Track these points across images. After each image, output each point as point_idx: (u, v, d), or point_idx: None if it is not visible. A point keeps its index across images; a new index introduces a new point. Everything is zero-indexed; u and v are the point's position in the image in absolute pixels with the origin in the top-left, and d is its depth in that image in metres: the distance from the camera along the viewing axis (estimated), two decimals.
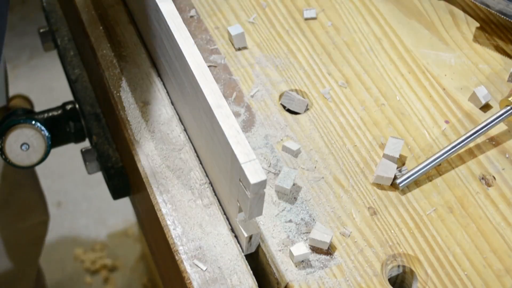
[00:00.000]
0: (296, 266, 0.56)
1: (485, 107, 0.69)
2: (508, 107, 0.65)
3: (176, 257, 0.56)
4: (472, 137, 0.64)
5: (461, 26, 0.76)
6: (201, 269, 0.55)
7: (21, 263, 1.10)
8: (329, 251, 0.57)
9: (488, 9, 0.74)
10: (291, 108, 0.68)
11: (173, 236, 0.57)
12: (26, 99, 0.95)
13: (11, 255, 1.06)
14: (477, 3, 0.75)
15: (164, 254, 0.64)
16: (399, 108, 0.68)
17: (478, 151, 0.65)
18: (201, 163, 0.62)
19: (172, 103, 0.66)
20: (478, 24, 0.76)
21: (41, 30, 0.96)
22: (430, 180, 0.63)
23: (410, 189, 0.62)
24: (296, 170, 0.62)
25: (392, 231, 0.59)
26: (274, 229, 0.58)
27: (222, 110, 0.52)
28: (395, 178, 0.62)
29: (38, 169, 1.05)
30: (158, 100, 0.67)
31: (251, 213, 0.51)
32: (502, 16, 0.74)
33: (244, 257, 0.56)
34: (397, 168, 0.63)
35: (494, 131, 0.67)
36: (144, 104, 0.66)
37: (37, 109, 0.90)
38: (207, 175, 0.61)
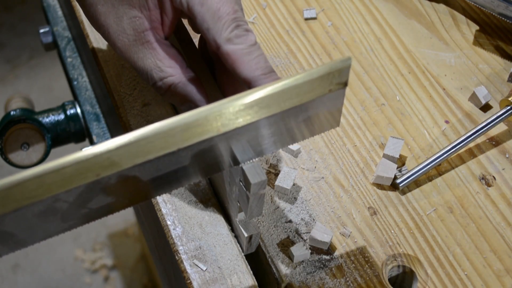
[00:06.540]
0: (296, 266, 0.56)
1: (485, 107, 0.69)
2: (508, 107, 0.65)
3: (176, 257, 0.56)
4: (472, 137, 0.64)
5: (461, 26, 0.76)
6: (201, 269, 0.55)
7: None
8: (329, 251, 0.57)
9: (488, 11, 0.74)
10: None
11: (173, 236, 0.57)
12: (26, 99, 0.95)
13: None
14: (477, 5, 0.75)
15: (164, 254, 0.64)
16: (399, 108, 0.68)
17: (478, 151, 0.65)
18: None
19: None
20: (478, 25, 0.76)
21: (41, 30, 0.96)
22: (430, 180, 0.63)
23: (410, 189, 0.62)
24: (296, 170, 0.62)
25: (392, 231, 0.59)
26: (274, 229, 0.58)
27: None
28: (395, 178, 0.62)
29: None
30: (159, 101, 0.67)
31: (251, 213, 0.51)
32: (502, 18, 0.74)
33: (244, 257, 0.56)
34: (397, 168, 0.63)
35: (494, 131, 0.67)
36: (145, 105, 0.66)
37: (37, 109, 0.90)
38: None
